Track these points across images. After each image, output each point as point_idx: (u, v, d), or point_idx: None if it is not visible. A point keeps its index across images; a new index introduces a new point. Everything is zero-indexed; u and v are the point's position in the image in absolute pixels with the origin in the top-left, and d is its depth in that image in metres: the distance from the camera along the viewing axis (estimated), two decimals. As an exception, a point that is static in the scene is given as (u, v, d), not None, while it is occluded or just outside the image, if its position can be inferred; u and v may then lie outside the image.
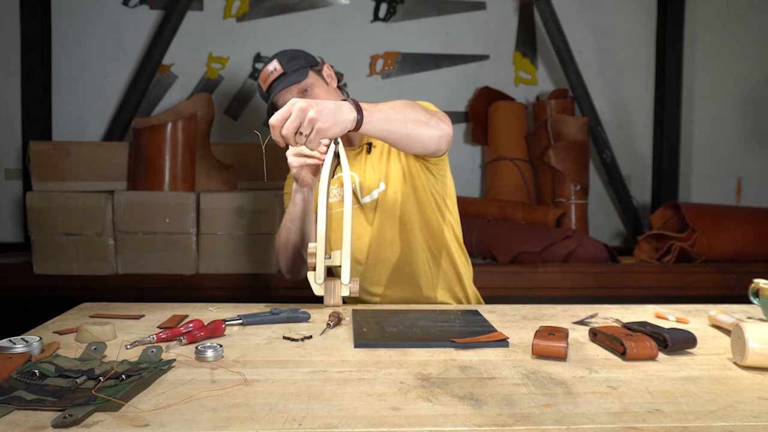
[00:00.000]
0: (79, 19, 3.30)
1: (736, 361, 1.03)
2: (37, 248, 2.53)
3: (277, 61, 1.62)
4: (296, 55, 1.65)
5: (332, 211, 1.64)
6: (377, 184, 1.62)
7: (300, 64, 1.62)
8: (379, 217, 1.61)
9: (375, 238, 1.62)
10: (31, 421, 0.77)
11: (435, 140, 1.43)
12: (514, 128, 3.37)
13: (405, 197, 1.60)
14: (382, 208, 1.61)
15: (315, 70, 1.66)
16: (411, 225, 1.61)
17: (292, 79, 1.59)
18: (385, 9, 3.46)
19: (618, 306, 1.48)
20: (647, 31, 3.58)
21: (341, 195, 1.65)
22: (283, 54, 1.65)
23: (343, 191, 1.64)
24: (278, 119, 1.22)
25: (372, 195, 1.62)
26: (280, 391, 0.88)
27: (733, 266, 2.82)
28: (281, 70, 1.61)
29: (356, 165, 1.65)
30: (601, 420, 0.79)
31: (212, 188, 2.78)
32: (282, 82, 1.60)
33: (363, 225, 1.64)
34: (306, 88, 1.61)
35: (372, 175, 1.63)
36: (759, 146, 3.65)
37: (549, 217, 3.10)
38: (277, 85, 1.60)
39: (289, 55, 1.64)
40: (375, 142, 1.65)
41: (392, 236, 1.61)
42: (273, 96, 1.61)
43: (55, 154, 2.71)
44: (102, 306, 1.43)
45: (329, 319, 1.27)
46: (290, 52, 1.66)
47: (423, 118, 1.40)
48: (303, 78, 1.60)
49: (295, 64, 1.62)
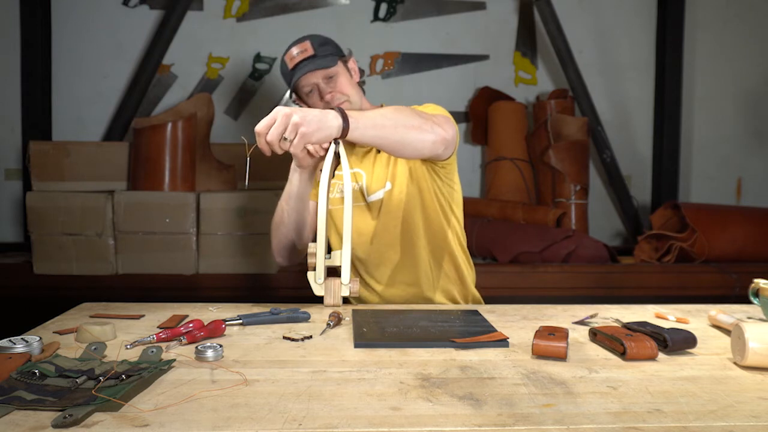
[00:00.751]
0: (78, 19, 3.30)
1: (736, 361, 1.03)
2: (37, 248, 2.53)
3: (309, 42, 1.59)
4: (327, 41, 1.63)
5: (335, 207, 1.64)
6: (384, 184, 1.61)
7: (331, 51, 1.60)
8: (384, 216, 1.61)
9: (378, 236, 1.62)
10: (31, 421, 0.77)
11: (429, 145, 1.40)
12: (514, 128, 3.37)
13: (410, 197, 1.60)
14: (387, 208, 1.61)
15: (342, 61, 1.64)
16: (414, 226, 1.61)
17: (322, 63, 1.57)
18: (385, 9, 3.46)
19: (618, 306, 1.48)
20: (647, 31, 3.58)
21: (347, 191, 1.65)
22: (315, 37, 1.62)
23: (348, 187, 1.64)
24: (263, 126, 1.23)
25: (378, 194, 1.62)
26: (280, 391, 0.88)
27: (733, 266, 2.82)
28: (312, 51, 1.58)
29: (365, 163, 1.65)
30: (601, 420, 0.79)
31: (212, 188, 2.78)
32: (310, 63, 1.57)
33: (368, 223, 1.63)
34: (332, 75, 1.59)
35: (379, 175, 1.63)
36: (759, 146, 3.65)
37: (549, 217, 3.10)
38: (304, 66, 1.57)
39: (321, 40, 1.62)
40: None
41: (395, 236, 1.61)
42: (298, 76, 1.58)
43: (55, 154, 2.71)
44: (102, 306, 1.43)
45: (329, 319, 1.27)
46: (321, 37, 1.64)
47: (415, 123, 1.37)
48: (332, 65, 1.58)
49: (326, 50, 1.59)
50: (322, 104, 1.58)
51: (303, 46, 1.59)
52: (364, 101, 1.68)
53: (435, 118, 1.43)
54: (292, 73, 1.60)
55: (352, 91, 1.61)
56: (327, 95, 1.58)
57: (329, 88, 1.58)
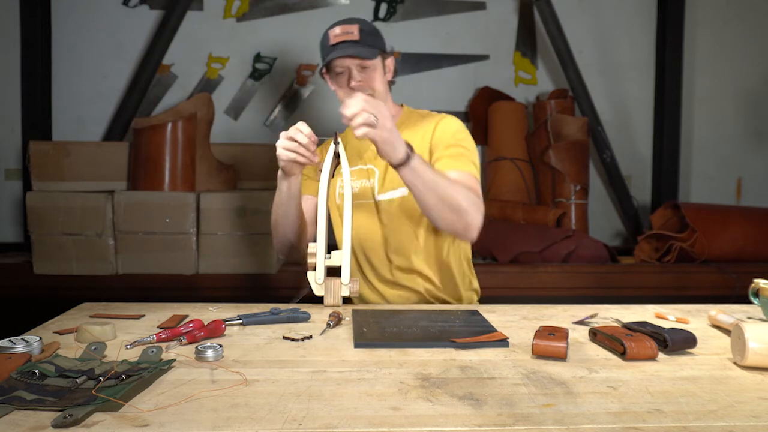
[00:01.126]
0: (78, 19, 3.30)
1: (736, 361, 1.03)
2: (37, 248, 2.53)
3: (358, 27, 1.57)
4: (376, 32, 1.61)
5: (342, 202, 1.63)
6: (398, 186, 1.60)
7: (374, 43, 1.58)
8: (396, 218, 1.61)
9: (385, 237, 1.62)
10: (31, 421, 0.77)
11: (451, 230, 1.48)
12: (514, 128, 3.37)
13: None
14: (399, 212, 1.60)
15: (382, 56, 1.62)
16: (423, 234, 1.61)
17: (362, 51, 1.55)
18: (385, 9, 3.46)
19: (618, 306, 1.48)
20: (647, 31, 3.58)
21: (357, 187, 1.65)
22: (365, 24, 1.60)
23: (360, 184, 1.64)
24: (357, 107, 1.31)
25: (391, 194, 1.61)
26: (280, 391, 0.88)
27: (733, 266, 2.82)
28: (357, 37, 1.56)
29: (380, 161, 1.63)
30: (601, 420, 0.79)
31: (212, 188, 2.78)
32: (351, 48, 1.54)
33: (374, 221, 1.62)
34: (367, 66, 1.57)
35: (393, 175, 1.60)
36: (759, 146, 3.65)
37: (549, 217, 3.10)
38: (344, 48, 1.55)
39: (370, 29, 1.60)
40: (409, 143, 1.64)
41: (401, 239, 1.61)
42: (335, 56, 1.55)
43: (55, 154, 2.71)
44: (102, 306, 1.43)
45: (329, 319, 1.27)
46: (371, 26, 1.61)
47: (456, 206, 1.42)
48: (371, 57, 1.56)
49: (370, 40, 1.57)
50: (346, 89, 1.58)
51: (350, 28, 1.56)
52: (389, 101, 1.67)
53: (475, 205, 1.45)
54: (331, 49, 1.57)
55: (381, 88, 1.60)
56: (355, 82, 1.57)
57: (360, 76, 1.57)
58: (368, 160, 1.66)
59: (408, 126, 1.66)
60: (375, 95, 1.58)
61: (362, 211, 1.63)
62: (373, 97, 1.57)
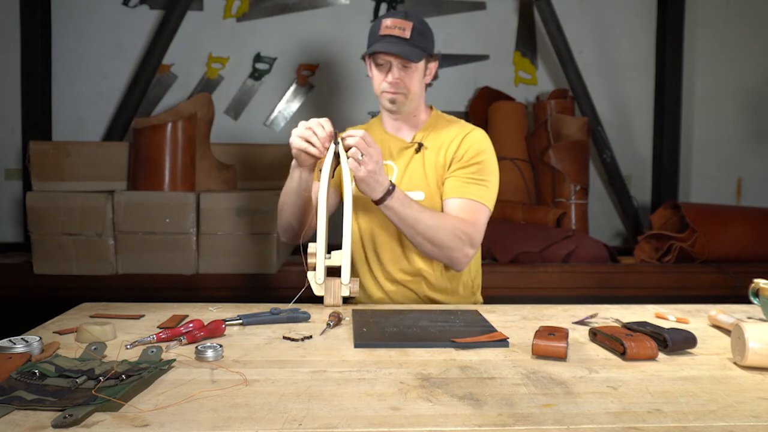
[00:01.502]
0: (78, 19, 3.30)
1: (736, 361, 1.03)
2: (37, 248, 2.53)
3: (412, 26, 1.54)
4: (427, 34, 1.59)
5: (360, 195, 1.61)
6: (415, 188, 1.60)
7: (423, 45, 1.57)
8: None
9: (399, 235, 1.61)
10: (31, 421, 0.77)
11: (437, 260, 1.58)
12: (514, 128, 3.37)
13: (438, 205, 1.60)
14: None
15: (427, 60, 1.61)
16: None
17: (408, 52, 1.53)
18: (385, 9, 3.46)
19: (618, 306, 1.48)
20: (647, 31, 3.58)
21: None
22: (420, 23, 1.57)
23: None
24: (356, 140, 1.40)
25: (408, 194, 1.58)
26: (280, 391, 0.88)
27: (733, 266, 2.82)
28: (407, 35, 1.54)
29: (400, 159, 1.64)
30: (601, 420, 0.79)
31: (212, 188, 2.78)
32: (398, 46, 1.53)
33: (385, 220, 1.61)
34: (409, 66, 1.56)
35: (412, 176, 1.62)
36: (759, 146, 3.65)
37: (549, 217, 3.10)
38: (392, 44, 1.53)
39: (423, 29, 1.57)
40: (427, 145, 1.64)
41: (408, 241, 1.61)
42: (380, 48, 1.53)
43: (55, 154, 2.71)
44: (102, 306, 1.43)
45: (329, 319, 1.27)
46: (425, 26, 1.59)
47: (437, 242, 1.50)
48: (415, 60, 1.55)
49: (420, 42, 1.56)
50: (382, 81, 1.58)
51: (404, 24, 1.54)
52: (421, 103, 1.67)
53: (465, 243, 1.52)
54: (379, 38, 1.56)
55: (416, 89, 1.60)
56: (393, 79, 1.56)
57: (399, 74, 1.56)
58: (388, 156, 1.66)
59: (434, 129, 1.66)
60: (409, 95, 1.58)
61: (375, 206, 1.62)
62: (407, 96, 1.59)
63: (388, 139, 1.67)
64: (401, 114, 1.64)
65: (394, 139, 1.67)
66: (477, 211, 1.56)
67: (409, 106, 1.62)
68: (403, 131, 1.68)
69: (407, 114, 1.65)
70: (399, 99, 1.58)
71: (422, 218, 1.48)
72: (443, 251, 1.52)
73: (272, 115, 3.44)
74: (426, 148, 1.63)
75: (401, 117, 1.65)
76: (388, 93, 1.58)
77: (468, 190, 1.56)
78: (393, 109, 1.62)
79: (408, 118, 1.66)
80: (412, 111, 1.65)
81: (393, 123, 1.68)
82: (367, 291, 1.67)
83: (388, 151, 1.66)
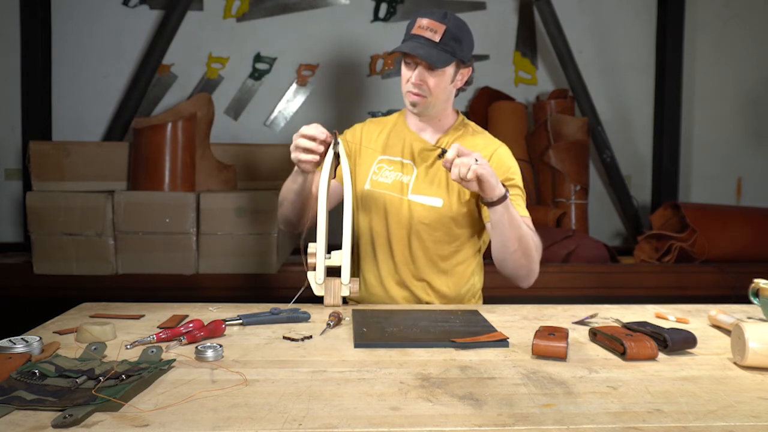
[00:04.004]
0: (79, 19, 3.30)
1: (736, 361, 1.03)
2: (37, 248, 2.53)
3: (444, 29, 1.49)
4: (461, 39, 1.52)
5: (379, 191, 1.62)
6: (433, 194, 1.58)
7: (453, 50, 1.51)
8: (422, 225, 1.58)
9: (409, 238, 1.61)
10: (31, 421, 0.77)
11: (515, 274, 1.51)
12: (514, 128, 3.37)
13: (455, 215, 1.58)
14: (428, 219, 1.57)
15: (456, 66, 1.56)
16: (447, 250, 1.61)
17: (433, 56, 1.48)
18: (385, 9, 3.46)
19: (618, 306, 1.48)
20: (647, 31, 3.57)
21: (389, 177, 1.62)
22: (454, 27, 1.51)
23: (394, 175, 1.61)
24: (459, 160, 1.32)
25: (424, 199, 1.58)
26: (280, 391, 0.88)
27: (733, 266, 2.82)
28: (437, 39, 1.49)
29: (420, 161, 1.61)
30: (601, 420, 0.79)
31: (212, 188, 2.78)
32: (424, 49, 1.49)
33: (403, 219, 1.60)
34: (434, 70, 1.51)
35: (433, 182, 1.59)
36: (759, 146, 3.65)
37: (549, 217, 3.10)
38: (418, 46, 1.49)
39: (455, 34, 1.51)
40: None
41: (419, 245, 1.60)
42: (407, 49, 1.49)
43: (55, 154, 2.70)
44: (102, 306, 1.43)
45: (329, 319, 1.27)
46: (460, 30, 1.53)
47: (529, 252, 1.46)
48: (440, 66, 1.50)
49: (450, 47, 1.50)
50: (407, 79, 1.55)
51: (437, 27, 1.50)
52: (448, 107, 1.63)
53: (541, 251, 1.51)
54: (410, 37, 1.53)
55: (440, 95, 1.55)
56: (414, 80, 1.53)
57: (422, 76, 1.52)
58: (408, 155, 1.62)
59: (461, 138, 1.63)
60: (431, 98, 1.54)
61: (393, 204, 1.61)
62: (429, 99, 1.55)
63: (411, 138, 1.63)
64: (423, 116, 1.61)
65: (417, 138, 1.63)
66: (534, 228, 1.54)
67: (431, 109, 1.58)
68: (426, 132, 1.64)
69: (430, 116, 1.62)
70: (420, 102, 1.55)
71: (522, 224, 1.45)
72: (529, 262, 1.47)
73: (272, 115, 3.44)
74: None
75: (426, 119, 1.63)
76: (410, 94, 1.55)
77: (520, 207, 1.54)
78: (414, 111, 1.59)
79: (432, 120, 1.63)
80: (436, 114, 1.61)
81: (417, 122, 1.64)
82: (369, 289, 1.66)
83: (410, 150, 1.62)
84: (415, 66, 1.53)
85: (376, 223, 1.63)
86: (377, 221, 1.62)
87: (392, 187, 1.61)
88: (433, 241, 1.59)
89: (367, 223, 1.64)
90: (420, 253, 1.60)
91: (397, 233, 1.61)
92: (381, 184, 1.62)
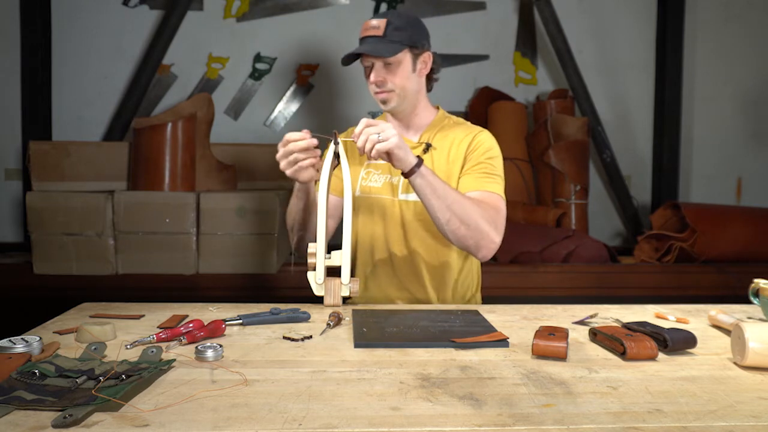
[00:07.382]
0: (79, 19, 3.30)
1: (736, 361, 1.03)
2: (37, 248, 2.53)
3: (385, 23, 1.53)
4: (404, 27, 1.55)
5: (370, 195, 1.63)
6: None
7: (401, 38, 1.53)
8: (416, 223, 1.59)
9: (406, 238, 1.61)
10: (31, 421, 0.77)
11: (462, 245, 1.48)
12: (514, 128, 3.37)
13: None
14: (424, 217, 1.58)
15: (413, 52, 1.57)
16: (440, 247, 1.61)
17: (382, 49, 1.51)
18: (385, 9, 3.46)
19: (618, 306, 1.48)
20: (647, 31, 3.57)
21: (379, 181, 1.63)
22: (396, 18, 1.55)
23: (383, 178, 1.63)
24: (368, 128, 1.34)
25: (413, 198, 1.58)
26: (280, 391, 0.88)
27: (733, 266, 2.82)
28: (381, 33, 1.52)
29: None
30: (601, 420, 0.79)
31: (212, 188, 2.78)
32: (370, 45, 1.52)
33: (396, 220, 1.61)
34: (390, 63, 1.53)
35: None
36: (759, 146, 3.65)
37: (549, 217, 3.10)
38: (366, 44, 1.52)
39: (399, 24, 1.54)
40: (435, 145, 1.62)
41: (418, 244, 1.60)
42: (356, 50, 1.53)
43: (55, 154, 2.71)
44: (102, 306, 1.43)
45: (329, 319, 1.27)
46: (403, 19, 1.56)
47: (468, 220, 1.42)
48: (390, 54, 1.51)
49: (397, 35, 1.52)
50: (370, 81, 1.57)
51: (378, 23, 1.53)
52: (421, 100, 1.64)
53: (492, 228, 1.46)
54: (360, 42, 1.56)
55: (405, 84, 1.56)
56: (373, 78, 1.55)
57: (380, 72, 1.54)
58: None
59: (441, 130, 1.64)
60: (398, 92, 1.56)
61: (385, 206, 1.62)
62: (398, 94, 1.56)
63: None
64: (399, 113, 1.63)
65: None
66: (497, 201, 1.53)
67: (404, 103, 1.59)
68: (409, 132, 1.67)
69: (407, 112, 1.63)
70: (389, 97, 1.57)
71: (452, 192, 1.43)
72: (473, 232, 1.44)
73: (272, 115, 3.44)
74: (434, 148, 1.62)
75: (404, 117, 1.64)
76: (377, 94, 1.58)
77: (485, 183, 1.54)
78: (387, 109, 1.61)
79: (411, 117, 1.65)
80: (412, 109, 1.63)
81: (398, 124, 1.67)
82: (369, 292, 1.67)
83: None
84: (372, 67, 1.56)
85: (371, 227, 1.64)
86: (372, 225, 1.64)
87: (382, 190, 1.63)
88: (430, 238, 1.60)
89: (363, 229, 1.65)
90: (419, 251, 1.60)
91: (394, 234, 1.61)
92: (371, 188, 1.63)
